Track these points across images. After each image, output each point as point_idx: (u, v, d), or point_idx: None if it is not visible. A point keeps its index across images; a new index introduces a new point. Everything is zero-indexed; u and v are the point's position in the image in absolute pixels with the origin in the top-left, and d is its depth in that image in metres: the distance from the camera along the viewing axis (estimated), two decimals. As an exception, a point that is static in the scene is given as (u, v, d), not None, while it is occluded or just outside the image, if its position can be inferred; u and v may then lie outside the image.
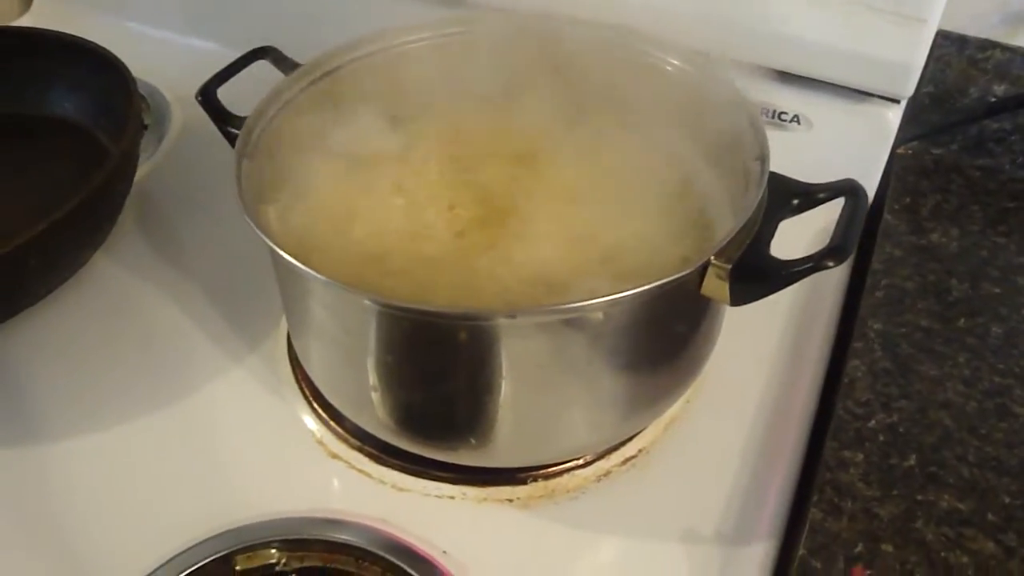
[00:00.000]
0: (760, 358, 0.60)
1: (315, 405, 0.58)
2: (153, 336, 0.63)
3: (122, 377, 0.60)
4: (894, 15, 0.58)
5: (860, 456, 0.52)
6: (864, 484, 0.50)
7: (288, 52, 0.59)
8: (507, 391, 0.48)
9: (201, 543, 0.51)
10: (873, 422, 0.53)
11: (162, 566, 0.50)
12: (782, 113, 0.66)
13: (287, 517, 0.52)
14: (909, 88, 0.62)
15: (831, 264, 0.44)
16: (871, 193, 0.68)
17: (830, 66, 0.63)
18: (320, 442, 0.56)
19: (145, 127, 0.77)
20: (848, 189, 0.48)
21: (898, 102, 0.64)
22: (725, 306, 0.49)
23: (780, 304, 0.63)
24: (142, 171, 0.74)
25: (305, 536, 0.51)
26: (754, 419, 0.57)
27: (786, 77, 0.65)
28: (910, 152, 0.70)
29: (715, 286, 0.45)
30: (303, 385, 0.59)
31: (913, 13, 0.58)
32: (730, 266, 0.45)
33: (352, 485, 0.54)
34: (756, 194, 0.46)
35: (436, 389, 0.50)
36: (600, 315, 0.45)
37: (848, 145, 0.66)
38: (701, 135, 0.55)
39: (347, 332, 0.49)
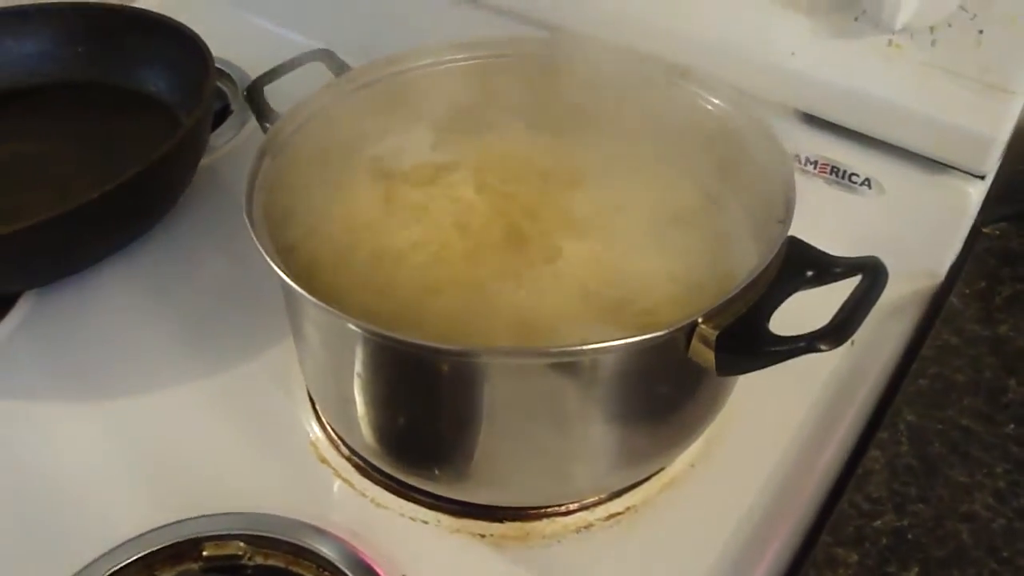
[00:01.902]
0: (782, 430, 0.56)
1: (317, 409, 0.58)
2: (187, 317, 0.65)
3: (145, 353, 0.62)
4: (977, 83, 0.53)
5: (854, 557, 0.47)
6: (851, 588, 0.46)
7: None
8: (484, 428, 0.47)
9: (174, 524, 0.52)
10: (879, 522, 0.49)
11: (133, 539, 0.51)
12: (853, 174, 0.61)
13: (262, 513, 0.52)
14: (989, 164, 0.56)
15: (824, 348, 0.41)
16: (942, 272, 0.63)
17: (903, 130, 0.58)
18: (313, 445, 0.56)
19: (231, 112, 0.80)
20: (868, 267, 0.44)
21: (982, 177, 0.58)
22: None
23: (819, 375, 0.59)
24: (219, 153, 0.77)
25: (274, 535, 0.52)
26: (756, 497, 0.53)
27: (861, 138, 0.60)
28: (997, 233, 0.64)
29: (700, 351, 0.43)
30: (308, 387, 0.59)
31: (999, 83, 0.53)
32: (717, 332, 0.42)
33: (333, 493, 0.54)
34: (761, 260, 0.43)
35: (415, 417, 0.49)
36: (577, 364, 0.43)
37: (922, 218, 0.60)
38: (736, 184, 0.52)
39: (333, 352, 0.49)
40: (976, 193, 0.59)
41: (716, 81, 0.53)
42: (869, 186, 0.61)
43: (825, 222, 0.53)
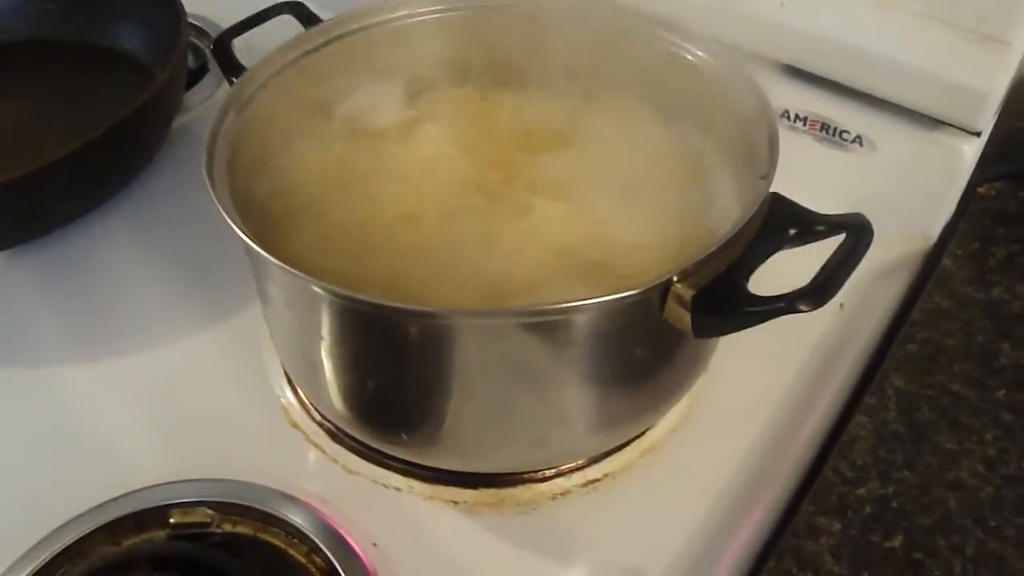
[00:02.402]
0: (766, 395, 0.54)
1: (288, 373, 0.56)
2: (156, 280, 0.63)
3: (115, 316, 0.61)
4: (973, 33, 0.51)
5: (837, 526, 0.46)
6: (832, 558, 0.45)
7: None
8: (454, 392, 0.45)
9: (140, 491, 0.50)
10: (863, 490, 0.47)
11: (98, 506, 0.50)
12: (843, 131, 0.59)
13: (230, 480, 0.51)
14: (984, 120, 0.54)
15: (804, 308, 0.39)
16: (935, 233, 0.61)
17: (896, 85, 0.56)
18: (285, 410, 0.55)
19: (208, 70, 0.78)
20: (852, 224, 0.42)
21: (977, 134, 0.56)
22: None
23: (806, 338, 0.57)
24: (195, 112, 0.75)
25: (242, 502, 0.50)
26: (738, 463, 0.51)
27: (851, 93, 0.58)
28: (992, 193, 0.61)
29: (676, 311, 0.41)
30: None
31: (996, 33, 0.50)
32: (693, 292, 0.40)
33: (305, 459, 0.53)
34: (741, 217, 0.41)
35: (384, 381, 0.48)
36: (549, 325, 0.42)
37: (914, 176, 0.58)
38: (719, 139, 0.50)
39: (299, 315, 0.47)
40: (971, 151, 0.57)
41: (698, 33, 0.50)
42: (860, 143, 0.59)
43: (815, 180, 0.51)
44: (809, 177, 0.49)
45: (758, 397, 0.54)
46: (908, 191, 0.59)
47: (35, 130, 0.70)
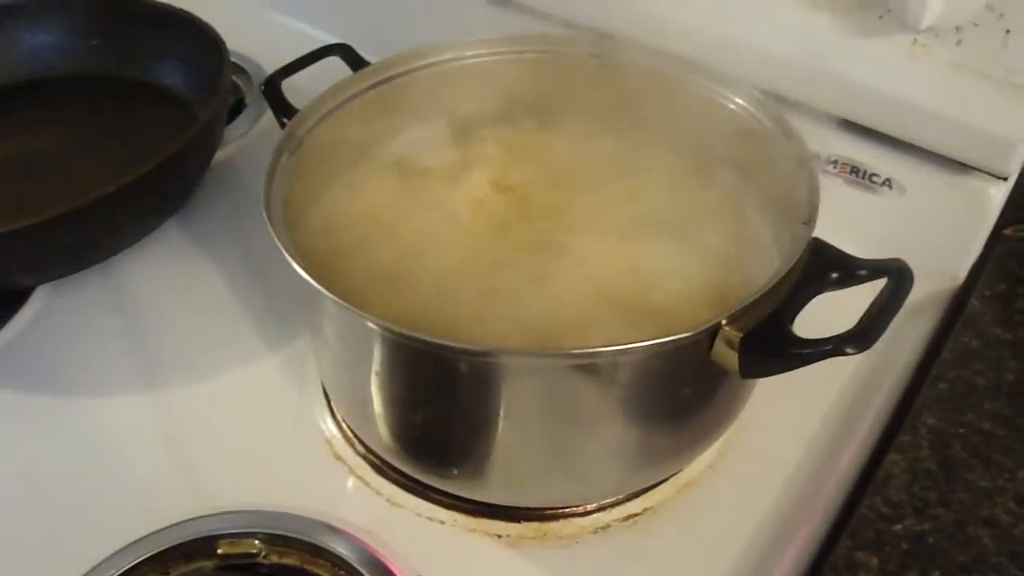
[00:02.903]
0: (800, 432, 0.56)
1: (332, 406, 0.58)
2: (199, 313, 0.64)
3: (160, 347, 0.62)
4: (1003, 83, 0.52)
5: (875, 561, 0.47)
6: (871, 593, 0.46)
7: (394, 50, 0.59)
8: (502, 428, 0.46)
9: (189, 521, 0.51)
10: (900, 526, 0.48)
11: (147, 536, 0.51)
12: (873, 175, 0.61)
13: (277, 511, 0.52)
14: (1013, 166, 0.56)
15: (850, 351, 0.40)
16: (963, 274, 0.62)
17: (927, 131, 0.57)
18: (328, 442, 0.56)
19: (245, 105, 0.80)
20: (893, 269, 0.43)
21: (1004, 179, 0.58)
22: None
23: (837, 377, 0.58)
24: (233, 147, 0.76)
25: (289, 534, 0.51)
26: (776, 500, 0.52)
27: (882, 138, 0.60)
28: (1019, 235, 0.63)
29: (724, 353, 0.42)
30: (324, 384, 0.59)
31: (1025, 84, 0.52)
32: (741, 335, 0.42)
33: (349, 491, 0.54)
34: (785, 262, 0.43)
35: (432, 416, 0.49)
36: (599, 365, 0.43)
37: (943, 219, 0.60)
38: (758, 184, 0.52)
39: (351, 349, 0.48)
40: (998, 195, 0.59)
41: (739, 80, 0.52)
42: (890, 186, 0.61)
43: (845, 222, 0.52)
44: (839, 219, 0.50)
45: (792, 434, 0.56)
46: (936, 233, 0.60)
47: (78, 164, 0.71)
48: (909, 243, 0.60)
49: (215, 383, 0.60)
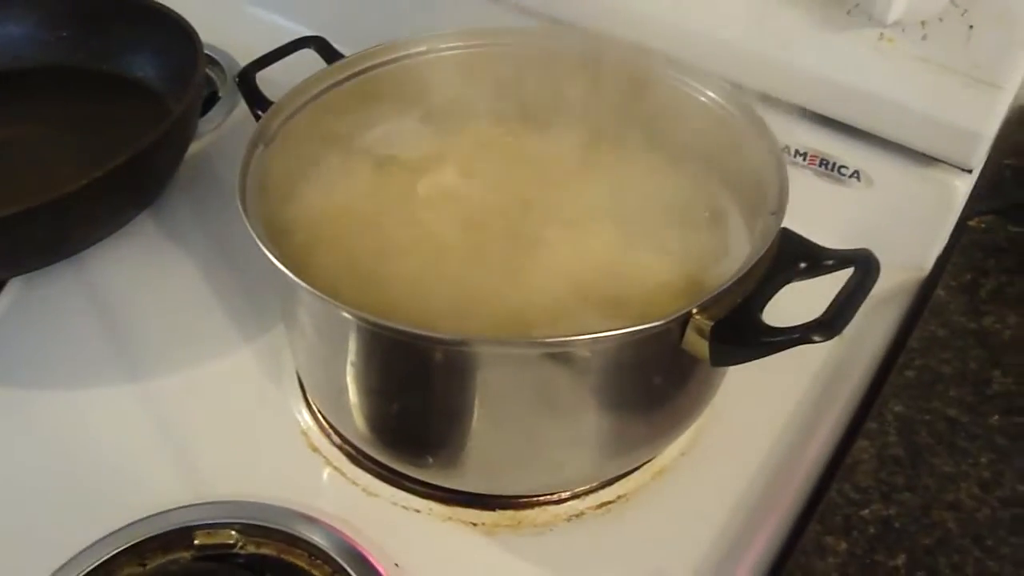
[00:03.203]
0: (770, 420, 0.57)
1: (308, 397, 0.58)
2: (174, 304, 0.64)
3: (136, 339, 0.62)
4: (967, 77, 0.53)
5: (843, 545, 0.48)
6: (839, 576, 0.47)
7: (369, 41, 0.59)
8: (476, 418, 0.47)
9: (165, 512, 0.52)
10: (867, 511, 0.49)
11: (124, 528, 0.51)
12: (842, 167, 0.62)
13: (253, 502, 0.52)
14: (976, 158, 0.57)
15: (818, 339, 0.41)
16: (929, 265, 0.63)
17: (894, 124, 0.58)
18: (304, 433, 0.56)
19: (219, 98, 0.80)
20: (860, 259, 0.44)
21: (969, 171, 0.59)
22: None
23: (807, 365, 0.59)
24: (207, 139, 0.76)
25: (266, 524, 0.51)
26: (747, 485, 0.53)
27: (850, 130, 0.61)
28: (983, 226, 0.64)
29: (695, 342, 0.43)
30: (300, 375, 0.59)
31: (989, 78, 0.53)
32: (712, 323, 0.42)
33: (325, 481, 0.54)
34: (755, 252, 0.44)
35: (408, 406, 0.49)
36: (573, 354, 0.44)
37: (909, 210, 0.61)
38: (727, 175, 0.52)
39: (327, 340, 0.49)
40: (963, 186, 0.60)
41: (708, 73, 0.53)
42: (858, 178, 0.62)
43: (814, 213, 0.53)
44: (808, 210, 0.51)
45: (763, 422, 0.57)
46: (903, 224, 0.62)
47: (50, 156, 0.71)
48: (877, 234, 0.61)
49: (191, 374, 0.60)
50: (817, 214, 0.55)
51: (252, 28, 0.88)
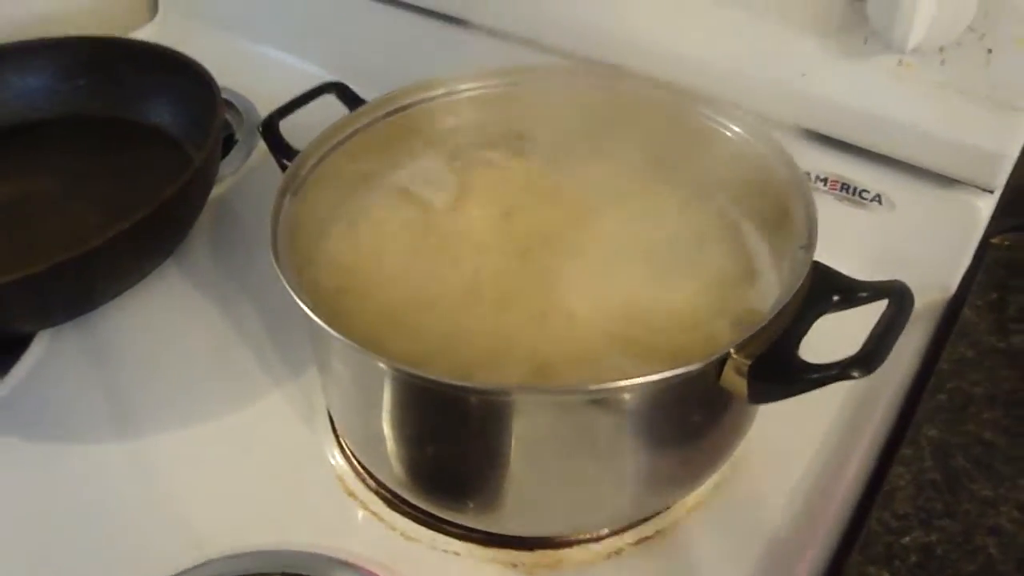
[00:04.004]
0: (803, 449, 0.56)
1: (341, 441, 0.58)
2: (202, 351, 0.64)
3: (164, 388, 0.62)
4: (987, 100, 0.54)
5: (885, 575, 0.48)
6: (885, 607, 0.47)
7: (384, 83, 0.59)
8: (515, 462, 0.47)
9: (200, 566, 0.52)
10: (908, 539, 0.49)
11: (163, 583, 0.51)
12: (863, 191, 0.62)
13: (291, 551, 0.52)
14: (999, 179, 0.57)
15: (856, 375, 0.41)
16: (954, 285, 0.63)
17: (914, 148, 0.58)
18: (340, 478, 0.56)
19: (236, 141, 0.80)
20: (894, 291, 0.44)
21: (991, 192, 0.59)
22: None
23: (836, 392, 0.59)
24: (226, 184, 0.77)
25: (306, 573, 0.52)
26: (784, 517, 0.53)
27: (870, 154, 0.61)
28: (1007, 243, 0.64)
29: (733, 380, 0.43)
30: (333, 420, 0.59)
31: (1008, 100, 0.53)
32: (750, 362, 0.42)
33: (362, 526, 0.54)
34: (789, 288, 0.44)
35: (446, 452, 0.49)
36: (612, 398, 0.44)
37: (932, 232, 0.61)
38: (755, 210, 0.53)
39: (359, 386, 0.49)
40: (986, 207, 0.60)
41: (733, 107, 0.53)
42: (880, 202, 0.62)
43: (836, 238, 0.53)
44: (830, 235, 0.51)
45: (796, 452, 0.56)
46: (926, 246, 0.62)
47: (72, 208, 0.72)
48: (900, 257, 0.62)
49: (221, 422, 0.60)
50: (839, 239, 0.54)
51: (264, 69, 0.89)
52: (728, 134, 0.54)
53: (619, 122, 0.55)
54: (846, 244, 0.55)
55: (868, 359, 0.41)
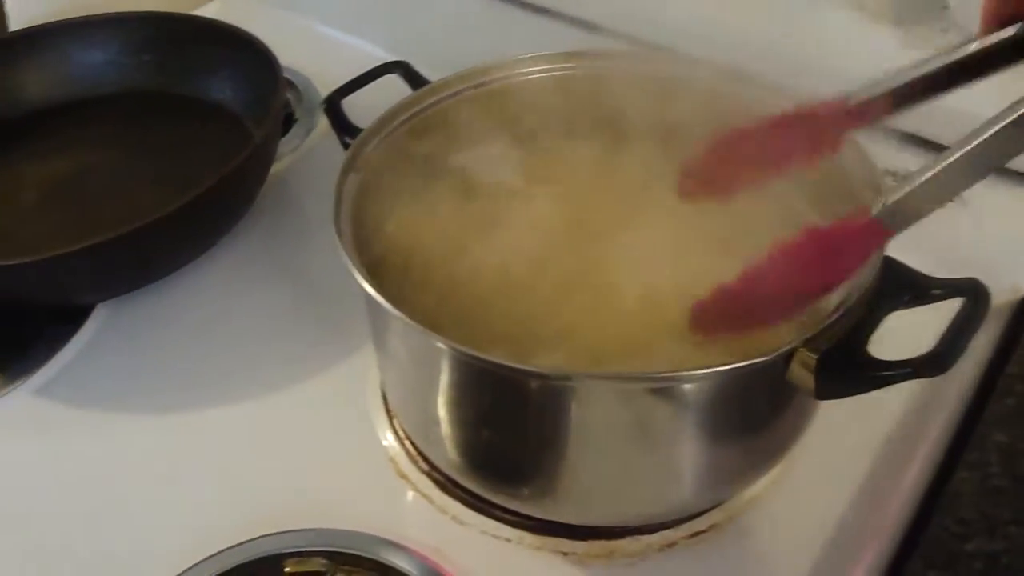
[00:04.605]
0: (865, 447, 0.55)
1: (394, 422, 0.58)
2: (257, 328, 0.65)
3: (219, 364, 0.63)
4: (1068, 95, 0.52)
5: (948, 581, 0.47)
6: (947, 613, 0.46)
7: (444, 63, 0.59)
8: (573, 450, 0.46)
9: (255, 540, 0.52)
10: (972, 545, 0.48)
11: (211, 557, 0.51)
12: (934, 186, 0.60)
13: (343, 530, 0.52)
14: (1076, 177, 0.55)
15: (929, 374, 0.40)
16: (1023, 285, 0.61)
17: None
18: (392, 460, 0.56)
19: (295, 120, 0.80)
20: (968, 289, 0.43)
21: (1066, 189, 0.57)
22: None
23: (899, 392, 0.57)
24: (285, 162, 0.77)
25: (356, 552, 0.51)
26: (842, 516, 0.52)
27: (939, 149, 0.59)
28: (1080, 244, 0.63)
29: (800, 375, 0.42)
30: (386, 400, 0.59)
31: (1091, 97, 0.52)
32: (817, 357, 0.41)
33: (414, 509, 0.54)
34: (860, 283, 0.43)
35: (503, 437, 0.49)
36: (675, 388, 0.43)
37: (1004, 230, 0.59)
38: (824, 201, 0.51)
39: (419, 367, 0.49)
40: (1061, 205, 0.58)
41: (804, 95, 0.52)
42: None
43: (905, 234, 0.52)
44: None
45: (856, 449, 0.55)
46: (996, 244, 0.60)
47: (133, 182, 0.72)
48: (971, 254, 0.60)
49: (274, 399, 0.60)
50: (909, 234, 0.53)
51: (325, 49, 0.89)
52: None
53: (685, 108, 0.54)
54: (916, 240, 0.54)
55: (941, 358, 0.40)
